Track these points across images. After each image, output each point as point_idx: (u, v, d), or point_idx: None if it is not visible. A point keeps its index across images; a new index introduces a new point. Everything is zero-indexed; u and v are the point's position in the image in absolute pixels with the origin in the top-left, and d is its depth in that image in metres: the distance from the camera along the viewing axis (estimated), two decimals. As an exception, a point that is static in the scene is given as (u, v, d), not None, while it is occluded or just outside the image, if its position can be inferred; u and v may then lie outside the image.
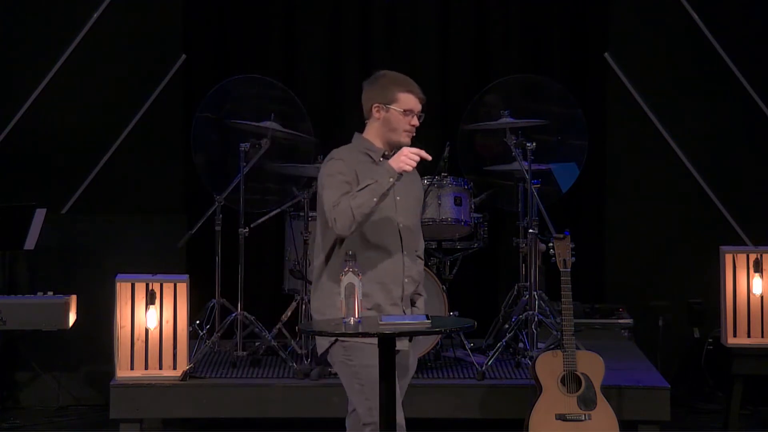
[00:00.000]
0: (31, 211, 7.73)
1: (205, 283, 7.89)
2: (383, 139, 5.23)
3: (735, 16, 8.57)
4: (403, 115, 5.18)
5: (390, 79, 5.23)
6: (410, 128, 5.19)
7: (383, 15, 8.82)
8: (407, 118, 5.18)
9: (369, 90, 5.25)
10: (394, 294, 5.18)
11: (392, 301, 5.17)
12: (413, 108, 5.19)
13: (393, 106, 5.18)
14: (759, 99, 8.53)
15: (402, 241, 5.18)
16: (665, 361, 8.17)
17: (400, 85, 5.20)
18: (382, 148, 5.22)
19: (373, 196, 5.01)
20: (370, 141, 5.25)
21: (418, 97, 5.20)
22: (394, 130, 5.19)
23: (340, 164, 5.16)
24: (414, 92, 5.20)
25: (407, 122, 5.19)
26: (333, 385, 7.26)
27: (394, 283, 5.17)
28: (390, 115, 5.19)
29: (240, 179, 7.67)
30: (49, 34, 8.48)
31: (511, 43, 8.81)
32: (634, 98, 8.60)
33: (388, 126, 5.20)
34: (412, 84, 5.22)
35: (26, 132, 8.48)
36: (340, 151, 5.26)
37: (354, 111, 8.75)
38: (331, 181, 5.13)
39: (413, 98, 5.19)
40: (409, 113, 5.18)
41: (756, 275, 7.56)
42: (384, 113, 5.20)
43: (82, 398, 8.27)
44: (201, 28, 8.76)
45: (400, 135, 5.20)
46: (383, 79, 5.23)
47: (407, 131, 5.20)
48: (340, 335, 5.07)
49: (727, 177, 8.58)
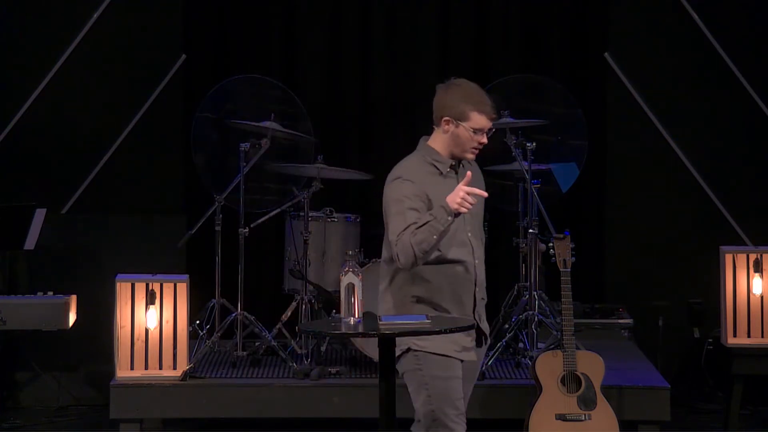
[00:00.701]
0: (31, 211, 7.73)
1: (205, 283, 7.89)
2: (449, 151, 5.14)
3: (735, 16, 8.57)
4: (472, 134, 5.09)
5: (464, 94, 5.11)
6: (478, 146, 5.13)
7: (383, 15, 8.82)
8: (476, 137, 5.10)
9: (441, 99, 5.14)
10: (466, 306, 5.15)
11: (464, 312, 5.14)
12: (483, 127, 5.10)
13: (464, 124, 5.08)
14: (759, 99, 8.53)
15: (473, 251, 5.15)
16: (665, 361, 8.17)
17: (473, 104, 5.08)
18: (449, 159, 5.15)
19: (432, 234, 4.93)
20: (437, 151, 5.16)
21: (490, 117, 5.10)
22: (461, 147, 5.12)
23: (407, 187, 5.07)
24: (486, 112, 5.09)
25: (476, 141, 5.11)
26: (333, 385, 7.28)
27: (466, 294, 5.15)
28: (459, 132, 5.10)
29: (240, 179, 7.67)
30: (49, 34, 8.48)
31: (511, 43, 8.80)
32: (634, 98, 8.60)
33: (456, 141, 5.12)
34: (486, 103, 5.10)
35: (26, 132, 8.48)
36: (408, 169, 5.14)
37: (354, 111, 8.87)
38: (397, 208, 5.05)
39: (485, 119, 5.09)
40: (479, 132, 5.10)
41: (756, 275, 7.56)
42: (453, 128, 5.10)
43: (82, 398, 8.27)
44: (201, 28, 8.75)
45: (466, 152, 5.13)
46: (457, 92, 5.12)
47: (474, 148, 5.13)
48: (340, 335, 5.07)
49: (727, 177, 8.58)
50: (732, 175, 8.58)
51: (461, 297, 5.13)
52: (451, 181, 5.13)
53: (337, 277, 5.66)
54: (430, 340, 5.09)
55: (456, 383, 5.13)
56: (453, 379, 5.12)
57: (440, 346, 5.10)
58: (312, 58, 8.80)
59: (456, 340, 5.11)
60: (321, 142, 8.13)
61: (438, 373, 5.11)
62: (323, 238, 7.79)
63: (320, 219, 7.81)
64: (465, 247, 5.12)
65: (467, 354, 5.17)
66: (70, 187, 8.49)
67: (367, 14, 8.82)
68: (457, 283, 5.12)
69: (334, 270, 7.65)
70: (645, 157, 8.65)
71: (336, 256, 7.78)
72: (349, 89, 8.83)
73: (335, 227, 7.84)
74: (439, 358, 5.10)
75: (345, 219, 7.89)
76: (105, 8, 8.48)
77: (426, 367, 5.13)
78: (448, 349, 5.11)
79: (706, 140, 8.61)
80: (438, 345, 5.10)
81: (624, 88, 8.61)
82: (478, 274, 5.17)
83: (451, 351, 5.11)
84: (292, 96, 8.05)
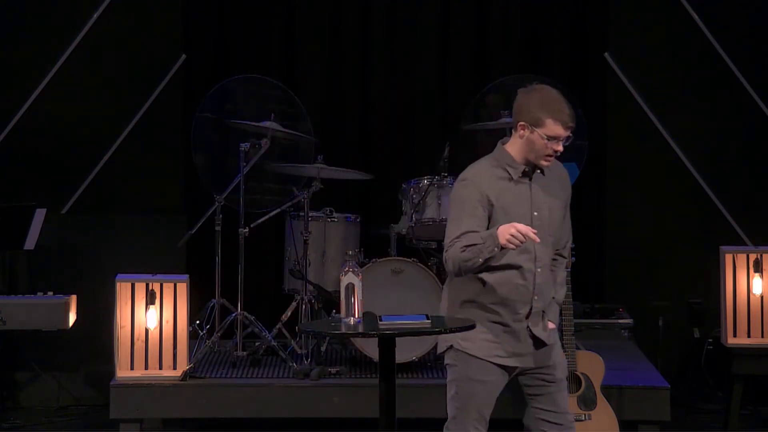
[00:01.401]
0: (31, 211, 7.73)
1: (205, 283, 7.89)
2: (523, 156, 5.06)
3: (735, 15, 8.56)
4: (546, 141, 5.00)
5: (542, 100, 5.03)
6: (552, 154, 5.03)
7: (383, 15, 8.81)
8: (551, 144, 5.01)
9: (520, 103, 5.07)
10: (520, 312, 5.07)
11: (517, 318, 5.07)
12: (558, 135, 5.00)
13: (538, 131, 5.00)
14: (759, 99, 8.52)
15: (536, 258, 5.05)
16: (665, 361, 8.17)
17: (549, 112, 4.99)
18: (522, 165, 5.07)
19: (478, 257, 4.90)
20: (512, 156, 5.08)
21: (567, 126, 4.99)
22: (535, 153, 5.03)
23: (471, 190, 5.02)
24: (562, 121, 4.98)
25: (550, 148, 5.01)
26: (333, 385, 7.27)
27: (522, 301, 5.06)
28: (534, 138, 5.01)
29: (240, 179, 7.67)
30: (49, 34, 8.48)
31: (511, 43, 8.80)
32: (634, 98, 8.60)
33: (530, 147, 5.03)
34: (563, 111, 4.99)
35: (26, 132, 8.47)
36: (476, 172, 5.08)
37: (354, 111, 8.87)
38: (456, 213, 5.03)
39: (560, 127, 4.99)
40: (553, 140, 5.00)
41: (756, 275, 7.56)
42: (528, 133, 5.02)
43: (82, 398, 8.27)
44: (201, 28, 8.75)
45: (539, 159, 5.03)
46: (535, 98, 5.04)
47: (548, 156, 5.04)
48: (340, 335, 5.07)
49: (727, 177, 8.58)
50: (732, 175, 8.57)
51: (515, 303, 5.05)
52: (523, 187, 5.06)
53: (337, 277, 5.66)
54: (473, 341, 5.05)
55: (487, 388, 5.07)
56: (485, 384, 5.07)
57: (482, 349, 5.06)
58: (312, 58, 8.80)
59: (504, 346, 5.06)
60: (321, 142, 8.12)
61: (471, 375, 5.07)
62: (323, 238, 7.79)
63: (320, 219, 7.81)
64: (526, 254, 5.02)
65: (519, 360, 5.08)
66: (70, 187, 8.49)
67: (367, 14, 8.82)
68: (510, 288, 5.04)
69: (334, 270, 7.65)
70: (645, 157, 8.65)
71: (336, 256, 7.77)
72: (349, 89, 8.83)
73: (335, 227, 7.84)
74: (477, 361, 5.06)
75: (345, 219, 7.89)
76: (105, 8, 8.48)
77: (461, 367, 5.10)
78: (490, 353, 5.06)
79: (706, 140, 8.61)
80: (479, 348, 5.06)
81: (624, 88, 8.61)
82: (537, 282, 5.06)
83: (493, 356, 5.06)
84: (292, 96, 8.05)
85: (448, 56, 8.84)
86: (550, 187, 5.12)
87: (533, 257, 5.05)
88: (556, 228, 5.13)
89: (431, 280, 7.41)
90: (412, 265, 7.45)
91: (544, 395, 5.17)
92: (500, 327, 5.06)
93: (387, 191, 8.20)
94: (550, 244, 5.12)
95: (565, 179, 5.22)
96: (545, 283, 5.11)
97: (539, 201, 5.08)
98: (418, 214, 7.65)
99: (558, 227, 5.15)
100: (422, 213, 7.65)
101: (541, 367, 5.15)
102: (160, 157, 8.54)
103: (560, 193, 5.17)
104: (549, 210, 5.09)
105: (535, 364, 5.14)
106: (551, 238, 5.11)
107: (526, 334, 5.08)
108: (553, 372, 5.17)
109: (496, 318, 5.07)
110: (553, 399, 5.17)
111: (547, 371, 5.16)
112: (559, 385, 5.19)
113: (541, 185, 5.10)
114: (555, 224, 5.13)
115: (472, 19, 8.81)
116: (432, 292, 7.36)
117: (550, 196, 5.12)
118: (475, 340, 5.06)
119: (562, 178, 5.21)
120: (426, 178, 7.67)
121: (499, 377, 5.10)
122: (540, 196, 5.08)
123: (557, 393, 5.18)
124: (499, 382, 5.12)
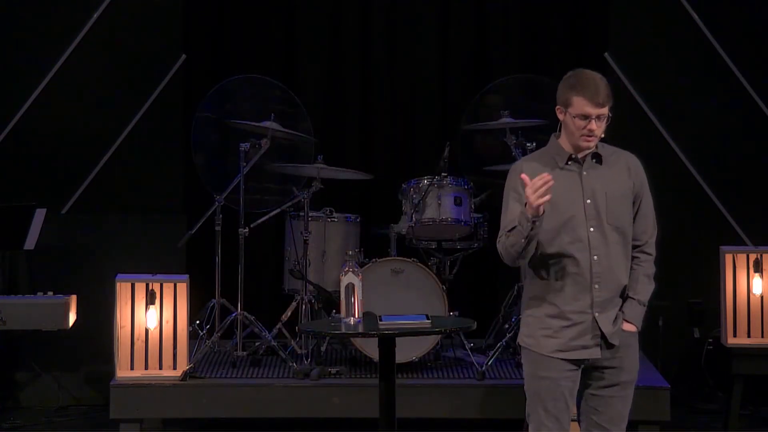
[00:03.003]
0: (31, 211, 7.73)
1: (205, 283, 7.90)
2: (567, 142, 5.06)
3: (735, 15, 8.56)
4: (578, 119, 4.98)
5: (571, 80, 5.02)
6: (587, 132, 4.98)
7: (383, 15, 8.82)
8: (582, 122, 4.97)
9: (559, 89, 5.08)
10: (580, 302, 4.99)
11: (578, 309, 4.99)
12: (587, 113, 4.95)
13: (569, 111, 5.00)
14: (759, 99, 8.52)
15: (591, 246, 4.98)
16: (665, 361, 8.17)
17: (574, 88, 4.97)
18: (568, 152, 5.05)
19: (520, 238, 4.87)
20: (560, 144, 5.08)
21: (593, 101, 4.94)
22: (572, 134, 5.02)
23: (513, 176, 5.05)
24: (587, 96, 4.94)
25: (583, 126, 4.98)
26: (333, 385, 7.28)
27: (579, 290, 4.99)
28: (567, 119, 5.01)
29: (240, 179, 7.67)
30: (49, 34, 8.48)
31: (511, 43, 8.80)
32: (634, 98, 8.60)
33: (568, 130, 5.03)
34: (589, 87, 4.96)
35: (26, 132, 8.47)
36: (527, 159, 5.15)
37: (354, 111, 8.87)
38: (506, 200, 5.06)
39: (586, 102, 4.94)
40: (583, 118, 4.97)
41: (756, 275, 7.57)
42: (563, 116, 5.04)
43: (82, 398, 8.28)
44: (201, 28, 8.75)
45: (578, 139, 5.01)
46: (568, 80, 5.03)
47: (584, 136, 4.99)
48: (340, 335, 5.07)
49: (727, 177, 8.58)
50: (732, 175, 8.57)
51: (573, 293, 4.98)
52: (572, 175, 5.03)
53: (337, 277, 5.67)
54: (534, 338, 5.01)
55: (551, 384, 4.99)
56: (549, 380, 4.99)
57: (541, 344, 5.01)
58: (312, 58, 8.80)
59: (564, 341, 4.99)
60: (321, 142, 8.13)
61: (533, 371, 5.03)
62: (323, 238, 7.80)
63: (320, 219, 7.81)
64: (579, 243, 4.97)
65: (583, 352, 4.98)
66: (70, 187, 8.49)
67: (367, 14, 8.82)
68: (565, 278, 4.99)
69: (334, 270, 7.65)
70: (645, 157, 8.55)
71: (336, 256, 7.78)
72: (349, 89, 8.83)
73: (335, 227, 7.85)
74: (537, 356, 5.01)
75: (345, 219, 7.90)
76: (105, 8, 8.48)
77: (527, 363, 5.08)
78: (550, 348, 4.99)
79: (706, 140, 8.60)
80: (538, 343, 5.02)
81: (624, 88, 8.61)
82: (595, 271, 4.98)
83: (553, 351, 4.99)
84: (292, 96, 8.05)
85: (448, 56, 8.84)
86: (609, 176, 5.04)
87: (587, 245, 4.98)
88: (617, 217, 5.03)
89: (431, 280, 7.41)
90: (412, 265, 7.46)
91: (603, 398, 5.06)
92: (559, 321, 4.98)
93: (387, 191, 8.20)
94: (611, 233, 5.01)
95: (634, 168, 5.13)
96: (608, 273, 5.00)
97: (593, 188, 5.01)
98: (418, 214, 7.65)
99: (621, 216, 5.04)
100: (422, 213, 7.65)
101: (610, 367, 5.03)
102: (160, 157, 8.53)
103: (623, 182, 5.07)
104: (606, 198, 5.01)
105: (603, 359, 5.01)
106: (612, 226, 5.01)
107: (593, 326, 4.98)
108: (620, 375, 5.05)
109: (555, 311, 4.99)
110: (609, 403, 5.06)
111: (614, 373, 5.04)
112: (621, 391, 5.06)
113: (598, 173, 5.04)
114: (615, 213, 5.03)
115: (472, 19, 8.82)
116: (432, 292, 7.37)
117: (609, 184, 5.04)
118: (536, 336, 5.02)
119: (630, 167, 5.13)
120: (426, 178, 7.68)
121: (564, 372, 5.00)
122: (594, 184, 5.02)
123: (617, 399, 5.06)
124: (564, 378, 5.00)
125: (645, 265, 5.13)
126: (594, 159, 5.06)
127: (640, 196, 5.12)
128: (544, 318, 5.01)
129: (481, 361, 7.41)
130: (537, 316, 5.03)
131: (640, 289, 5.09)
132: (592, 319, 4.98)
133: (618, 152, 5.14)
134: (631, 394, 5.11)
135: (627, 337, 5.05)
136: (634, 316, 5.06)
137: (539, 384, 5.02)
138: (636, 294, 5.08)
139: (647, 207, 5.15)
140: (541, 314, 5.02)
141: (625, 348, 5.04)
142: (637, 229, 5.11)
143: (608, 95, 4.99)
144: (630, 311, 5.06)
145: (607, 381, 5.05)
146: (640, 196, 5.12)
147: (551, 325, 5.00)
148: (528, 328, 5.06)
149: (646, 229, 5.14)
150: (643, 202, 5.12)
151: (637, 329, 5.07)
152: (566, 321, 4.99)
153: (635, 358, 5.10)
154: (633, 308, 5.07)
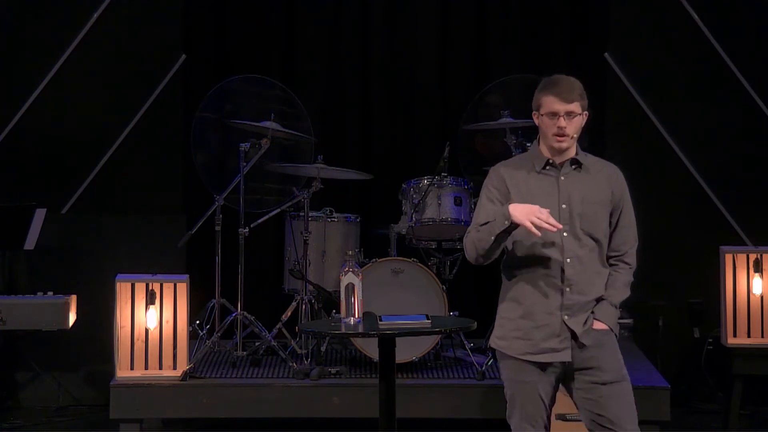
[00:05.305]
0: (31, 211, 7.73)
1: (205, 283, 7.90)
2: (544, 145, 5.07)
3: (735, 15, 8.56)
4: (546, 118, 4.99)
5: (542, 84, 5.04)
6: (558, 131, 4.99)
7: (383, 15, 8.82)
8: (552, 121, 4.98)
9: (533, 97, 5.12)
10: (551, 305, 4.99)
11: (549, 311, 4.99)
12: (555, 110, 4.97)
13: (540, 112, 5.01)
14: (759, 99, 8.52)
15: (564, 249, 4.97)
16: (665, 361, 8.17)
17: (544, 89, 5.00)
18: (545, 156, 5.05)
19: (489, 235, 4.90)
20: (538, 149, 5.09)
21: (560, 96, 4.96)
22: (545, 136, 5.03)
23: (491, 177, 5.07)
24: (554, 92, 4.97)
25: (553, 125, 4.99)
26: (333, 385, 7.28)
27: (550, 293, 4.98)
28: (540, 121, 5.03)
29: (240, 179, 7.67)
30: (49, 34, 8.48)
31: (511, 43, 8.80)
32: (634, 98, 8.60)
33: (542, 132, 5.05)
34: (557, 85, 4.99)
35: (26, 132, 8.47)
36: (503, 162, 5.15)
37: (354, 111, 8.86)
38: (480, 199, 5.09)
39: (554, 99, 4.96)
40: (552, 116, 4.99)
41: (756, 275, 7.57)
42: (537, 120, 5.05)
43: (82, 398, 8.28)
44: (201, 28, 8.75)
45: (551, 140, 5.01)
46: (540, 85, 5.05)
47: (556, 135, 5.00)
48: (340, 335, 5.07)
49: (727, 177, 8.57)
50: (732, 175, 8.57)
51: (545, 295, 4.98)
52: (550, 180, 5.04)
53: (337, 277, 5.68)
54: (506, 339, 5.02)
55: (526, 387, 5.00)
56: (524, 383, 5.00)
57: (512, 346, 5.02)
58: (312, 58, 8.80)
59: (535, 342, 4.98)
60: (321, 142, 8.13)
61: (509, 374, 5.05)
62: (323, 238, 7.80)
63: (320, 219, 7.81)
64: (553, 247, 4.97)
65: (553, 355, 4.98)
66: (70, 187, 8.49)
67: (367, 14, 8.82)
68: (538, 281, 4.99)
69: (334, 270, 7.65)
70: (645, 157, 8.65)
71: (336, 256, 7.78)
72: (349, 89, 8.83)
73: (335, 227, 7.85)
74: (511, 361, 5.02)
75: (345, 219, 7.90)
76: (105, 8, 8.48)
77: (502, 365, 5.09)
78: (521, 350, 4.99)
79: (706, 140, 8.60)
80: (509, 345, 5.03)
81: (624, 88, 8.61)
82: (567, 274, 4.98)
83: (524, 353, 4.99)
84: (292, 96, 8.05)
85: (448, 56, 8.84)
86: (588, 183, 5.05)
87: (560, 249, 4.98)
88: (591, 224, 5.03)
89: (431, 280, 7.41)
90: (412, 265, 7.46)
91: (593, 400, 5.01)
92: (530, 323, 4.99)
93: (387, 191, 8.20)
94: (585, 239, 5.02)
95: (615, 179, 5.14)
96: (581, 277, 5.00)
97: (569, 193, 5.02)
98: (418, 214, 7.66)
99: (595, 224, 5.04)
100: (422, 213, 7.65)
101: (588, 368, 5.01)
102: (160, 157, 8.53)
103: (601, 191, 5.08)
104: (582, 205, 5.02)
105: (576, 362, 5.00)
106: (584, 232, 5.02)
107: (561, 328, 4.98)
108: (601, 375, 5.01)
109: (526, 314, 5.00)
110: (602, 405, 5.00)
111: (594, 373, 5.01)
112: (609, 390, 5.01)
113: (577, 179, 5.05)
114: (590, 220, 5.03)
115: (472, 19, 8.82)
116: (432, 292, 7.37)
117: (587, 191, 5.05)
118: (508, 338, 5.03)
119: (610, 178, 5.14)
120: (426, 178, 7.68)
121: (537, 376, 5.00)
122: (571, 189, 5.03)
123: (607, 399, 5.01)
124: (538, 382, 5.00)
125: (623, 273, 5.14)
126: (573, 165, 5.07)
127: (620, 207, 5.14)
128: (516, 319, 5.02)
129: (481, 361, 7.40)
130: (510, 317, 5.04)
131: (613, 292, 5.10)
132: (561, 321, 4.98)
133: (601, 162, 5.16)
134: (626, 393, 5.07)
135: (599, 336, 5.03)
136: (605, 315, 5.05)
137: (515, 388, 5.03)
138: (609, 296, 5.09)
139: (628, 218, 5.16)
140: (514, 315, 5.03)
141: (598, 347, 5.02)
142: (617, 240, 5.12)
143: (579, 94, 5.02)
144: (601, 311, 5.05)
145: (590, 383, 5.02)
146: (619, 207, 5.13)
147: (521, 326, 5.01)
148: (501, 329, 5.06)
149: (627, 240, 5.15)
150: (623, 213, 5.14)
151: (611, 329, 5.06)
152: (534, 322, 4.99)
153: (615, 358, 5.07)
154: (604, 308, 5.07)
